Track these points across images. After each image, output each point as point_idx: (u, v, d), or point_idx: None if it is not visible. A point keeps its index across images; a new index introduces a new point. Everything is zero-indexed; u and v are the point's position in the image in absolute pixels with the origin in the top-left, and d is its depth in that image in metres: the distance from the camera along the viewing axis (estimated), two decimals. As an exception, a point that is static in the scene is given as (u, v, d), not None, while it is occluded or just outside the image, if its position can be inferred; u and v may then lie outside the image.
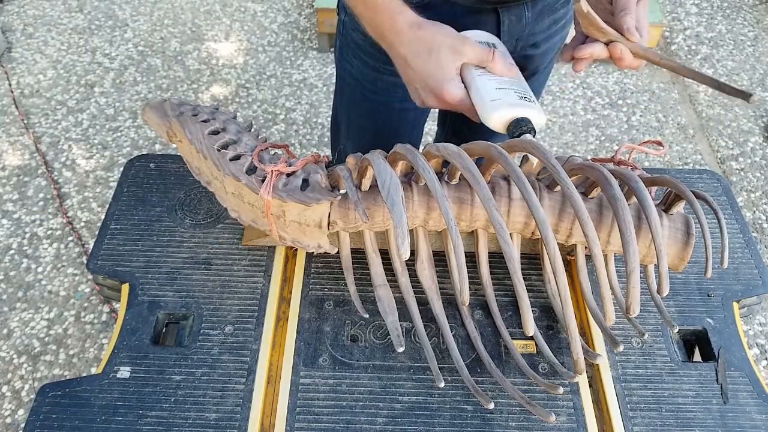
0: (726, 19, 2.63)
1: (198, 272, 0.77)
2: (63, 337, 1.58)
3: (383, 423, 0.65)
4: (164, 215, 0.84)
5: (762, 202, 1.96)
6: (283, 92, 2.26)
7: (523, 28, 0.89)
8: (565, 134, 2.12)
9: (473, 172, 0.60)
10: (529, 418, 0.66)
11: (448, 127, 1.23)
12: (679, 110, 2.25)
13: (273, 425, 0.65)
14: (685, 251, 0.70)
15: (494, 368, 0.68)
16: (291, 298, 0.76)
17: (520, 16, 0.87)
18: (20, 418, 1.44)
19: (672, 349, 0.72)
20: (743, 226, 0.86)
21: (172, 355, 0.70)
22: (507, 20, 0.87)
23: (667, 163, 2.06)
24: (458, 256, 0.58)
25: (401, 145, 0.65)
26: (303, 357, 0.70)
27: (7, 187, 1.92)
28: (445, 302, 0.74)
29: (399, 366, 0.70)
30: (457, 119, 1.18)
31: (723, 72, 2.39)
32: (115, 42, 2.45)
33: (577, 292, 0.77)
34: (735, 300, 0.77)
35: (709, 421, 0.66)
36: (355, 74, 0.98)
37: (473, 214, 0.69)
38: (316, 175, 0.68)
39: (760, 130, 2.17)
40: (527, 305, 0.62)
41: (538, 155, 0.62)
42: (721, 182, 0.92)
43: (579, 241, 0.72)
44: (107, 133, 2.10)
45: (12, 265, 1.72)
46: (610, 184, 0.64)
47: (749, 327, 1.67)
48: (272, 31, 2.53)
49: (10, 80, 2.26)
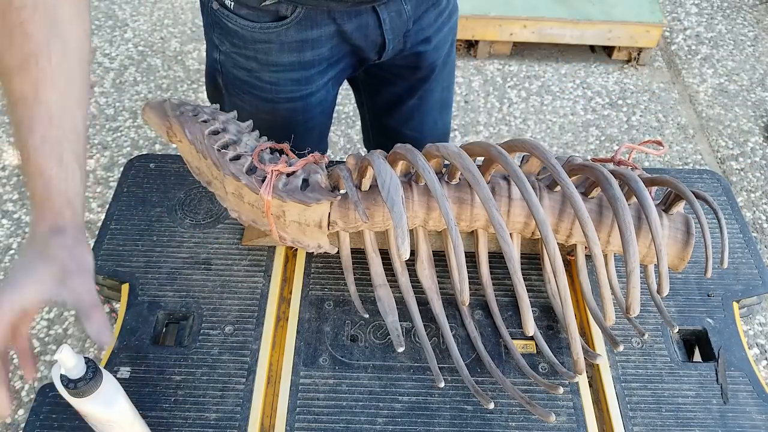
0: (726, 19, 2.63)
1: (198, 272, 0.77)
2: (63, 337, 1.58)
3: (383, 423, 0.65)
4: (164, 215, 0.84)
5: (762, 202, 1.96)
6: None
7: (405, 23, 0.87)
8: (565, 134, 2.12)
9: (473, 172, 0.60)
10: (529, 418, 0.66)
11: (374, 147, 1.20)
12: (679, 110, 2.25)
13: (273, 425, 0.65)
14: (685, 251, 0.70)
15: (494, 368, 0.68)
16: (291, 298, 0.76)
17: (400, 12, 0.85)
18: (20, 418, 1.44)
19: (672, 349, 0.72)
20: (743, 226, 0.86)
21: (172, 355, 0.70)
22: (387, 17, 0.85)
23: (667, 163, 2.07)
24: (458, 256, 0.58)
25: (401, 145, 0.65)
26: (303, 357, 0.70)
27: (7, 187, 1.92)
28: (445, 302, 0.74)
29: (399, 366, 0.70)
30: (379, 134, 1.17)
31: (723, 72, 2.39)
32: (115, 42, 2.45)
33: (577, 292, 0.77)
34: (735, 300, 0.77)
35: (709, 421, 0.66)
36: (249, 110, 0.91)
37: (473, 214, 0.69)
38: (316, 175, 0.68)
39: (760, 130, 2.17)
40: (527, 305, 0.62)
41: (538, 155, 0.62)
42: (721, 182, 0.92)
43: (579, 241, 0.72)
44: (107, 133, 2.10)
45: (12, 265, 1.72)
46: (610, 184, 0.64)
47: (749, 327, 1.67)
48: (272, 31, 2.53)
49: (10, 80, 2.26)
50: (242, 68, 0.87)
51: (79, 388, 0.49)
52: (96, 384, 0.50)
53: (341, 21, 0.83)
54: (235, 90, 0.91)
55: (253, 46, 0.84)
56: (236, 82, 0.90)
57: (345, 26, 0.83)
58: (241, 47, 0.85)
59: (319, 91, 0.92)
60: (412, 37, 0.91)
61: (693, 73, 2.39)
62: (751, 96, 2.30)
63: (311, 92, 0.91)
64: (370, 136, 1.20)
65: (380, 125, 1.14)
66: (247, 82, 0.89)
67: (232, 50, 0.86)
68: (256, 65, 0.86)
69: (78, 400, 0.51)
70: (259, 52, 0.84)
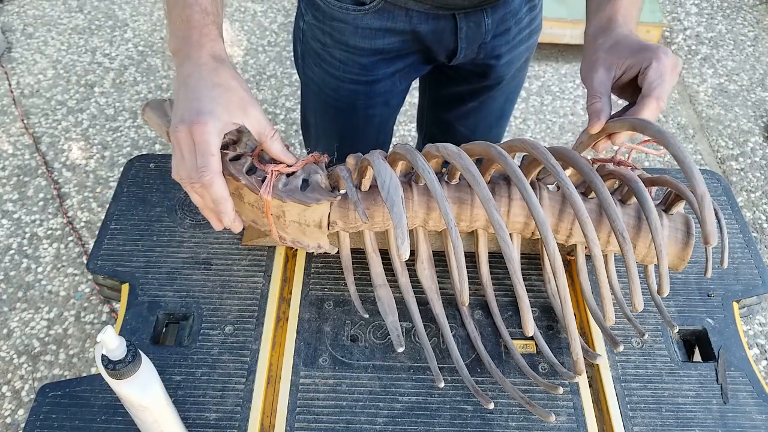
0: (726, 19, 2.63)
1: (198, 272, 0.77)
2: (63, 337, 1.58)
3: (383, 423, 0.65)
4: (164, 215, 0.84)
5: (762, 202, 1.96)
6: (283, 92, 2.26)
7: (483, 35, 0.87)
8: (565, 134, 2.12)
9: (473, 172, 0.60)
10: (529, 418, 0.66)
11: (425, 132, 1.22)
12: (679, 110, 2.25)
13: (273, 425, 0.65)
14: (685, 251, 0.70)
15: (494, 368, 0.68)
16: (291, 298, 0.76)
17: (479, 23, 0.86)
18: (20, 418, 1.44)
19: (672, 349, 0.72)
20: (743, 226, 0.86)
21: (172, 355, 0.70)
22: (465, 26, 0.85)
23: (667, 163, 2.06)
24: (458, 256, 0.58)
25: (401, 145, 0.65)
26: (303, 357, 0.70)
27: (7, 187, 1.92)
28: (445, 302, 0.74)
29: (399, 366, 0.70)
30: (433, 125, 1.18)
31: (723, 72, 2.39)
32: (115, 42, 2.45)
33: (577, 292, 0.77)
34: (735, 300, 0.77)
35: (709, 421, 0.66)
36: (317, 81, 0.97)
37: (473, 214, 0.69)
38: (316, 176, 0.68)
39: (760, 130, 2.17)
40: (527, 305, 0.62)
41: (538, 155, 0.62)
42: (721, 182, 0.92)
43: (579, 241, 0.72)
44: (107, 133, 2.10)
45: (12, 265, 1.72)
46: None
47: (749, 327, 1.67)
48: (272, 31, 2.53)
49: (10, 80, 2.26)
50: (318, 41, 0.91)
51: (118, 370, 0.50)
52: (134, 368, 0.51)
53: (417, 21, 0.84)
54: (308, 60, 0.96)
55: (330, 23, 0.87)
56: (311, 53, 0.94)
57: (420, 27, 0.85)
58: (320, 21, 0.88)
59: (383, 81, 0.94)
60: (487, 49, 0.91)
61: (693, 73, 2.39)
62: (751, 96, 2.30)
63: (376, 79, 0.93)
64: (424, 123, 1.21)
65: (436, 115, 1.15)
66: (320, 55, 0.92)
67: (313, 22, 0.90)
68: (330, 41, 0.89)
69: (116, 382, 0.51)
70: (335, 29, 0.87)
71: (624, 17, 0.68)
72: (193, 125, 0.56)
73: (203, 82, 0.59)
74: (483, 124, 1.11)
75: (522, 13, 0.90)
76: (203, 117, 0.56)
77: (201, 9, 0.62)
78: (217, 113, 0.57)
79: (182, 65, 0.61)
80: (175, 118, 0.58)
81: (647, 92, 0.62)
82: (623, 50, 0.64)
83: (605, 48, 0.66)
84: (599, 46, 0.66)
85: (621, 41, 0.65)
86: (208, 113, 0.57)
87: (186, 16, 0.61)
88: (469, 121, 1.10)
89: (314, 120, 1.07)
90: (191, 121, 0.56)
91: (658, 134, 0.60)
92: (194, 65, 0.60)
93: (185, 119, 0.57)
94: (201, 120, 0.56)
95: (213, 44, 0.61)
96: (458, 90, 1.05)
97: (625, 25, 0.67)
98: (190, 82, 0.59)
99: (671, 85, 0.63)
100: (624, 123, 0.62)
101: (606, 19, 0.68)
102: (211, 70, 0.60)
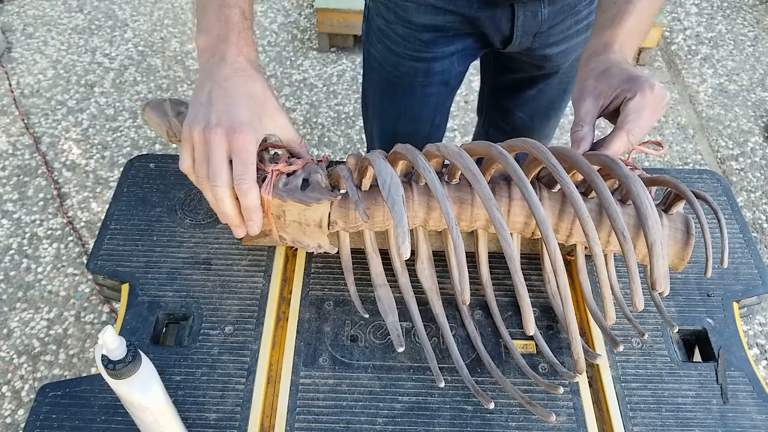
0: (726, 19, 2.63)
1: (198, 272, 0.77)
2: (63, 337, 1.58)
3: (383, 423, 0.65)
4: (164, 215, 0.84)
5: (762, 202, 1.96)
6: (283, 92, 2.26)
7: (539, 24, 0.90)
8: (564, 134, 2.12)
9: (473, 172, 0.60)
10: (529, 418, 0.66)
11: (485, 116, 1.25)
12: (679, 110, 2.25)
13: (273, 425, 0.65)
14: (685, 251, 0.70)
15: (494, 368, 0.68)
16: (291, 298, 0.76)
17: (536, 13, 0.88)
18: (20, 418, 1.44)
19: (672, 349, 0.72)
20: (743, 226, 0.86)
21: (172, 355, 0.70)
22: (522, 15, 0.88)
23: (667, 163, 2.07)
24: (458, 255, 0.58)
25: (401, 145, 0.65)
26: (303, 357, 0.70)
27: (7, 187, 1.92)
28: (445, 302, 0.74)
29: (399, 366, 0.70)
30: (492, 109, 1.21)
31: (723, 72, 2.39)
32: (115, 42, 2.45)
33: (577, 292, 0.77)
34: (735, 300, 0.77)
35: (709, 421, 0.66)
36: (378, 58, 1.00)
37: (473, 214, 0.69)
38: (317, 175, 0.68)
39: (760, 130, 2.17)
40: (528, 305, 0.62)
41: (539, 155, 0.62)
42: (721, 182, 0.92)
43: (579, 241, 0.72)
44: (107, 133, 2.10)
45: (12, 265, 1.72)
46: (601, 188, 0.63)
47: (749, 327, 1.67)
48: (272, 31, 2.53)
49: (10, 80, 2.26)
50: (382, 17, 0.94)
51: (118, 370, 0.50)
52: (134, 368, 0.51)
53: (476, 7, 0.87)
54: (372, 37, 1.00)
55: (395, 0, 0.90)
56: (375, 30, 0.98)
57: (478, 13, 0.87)
58: None
59: (442, 59, 0.97)
60: (543, 39, 0.93)
61: (693, 73, 2.39)
62: (751, 96, 2.30)
63: (435, 57, 0.96)
64: (484, 109, 1.24)
65: (495, 101, 1.18)
66: (383, 32, 0.96)
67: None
68: (393, 17, 0.93)
69: (116, 382, 0.51)
70: (399, 7, 0.91)
71: (621, 45, 0.69)
72: (235, 133, 0.58)
73: (242, 89, 0.61)
74: (540, 113, 1.15)
75: (581, 6, 0.92)
76: (245, 127, 0.59)
77: (240, 12, 0.64)
78: (255, 124, 0.60)
79: (217, 65, 0.62)
80: (204, 119, 0.59)
81: (620, 125, 0.65)
82: (613, 78, 0.66)
83: (595, 74, 0.67)
84: (591, 70, 0.68)
85: (612, 68, 0.67)
86: (248, 123, 0.60)
87: (225, 15, 0.63)
88: (527, 107, 1.13)
89: (373, 100, 1.10)
90: (232, 129, 0.59)
91: (623, 178, 0.62)
92: (232, 68, 0.62)
93: (222, 123, 0.59)
94: (243, 129, 0.59)
95: (250, 50, 0.64)
96: (515, 77, 1.08)
97: (621, 52, 0.69)
98: (228, 85, 0.61)
99: (650, 121, 0.65)
100: (597, 158, 0.65)
101: (603, 44, 0.70)
102: (248, 77, 0.62)
